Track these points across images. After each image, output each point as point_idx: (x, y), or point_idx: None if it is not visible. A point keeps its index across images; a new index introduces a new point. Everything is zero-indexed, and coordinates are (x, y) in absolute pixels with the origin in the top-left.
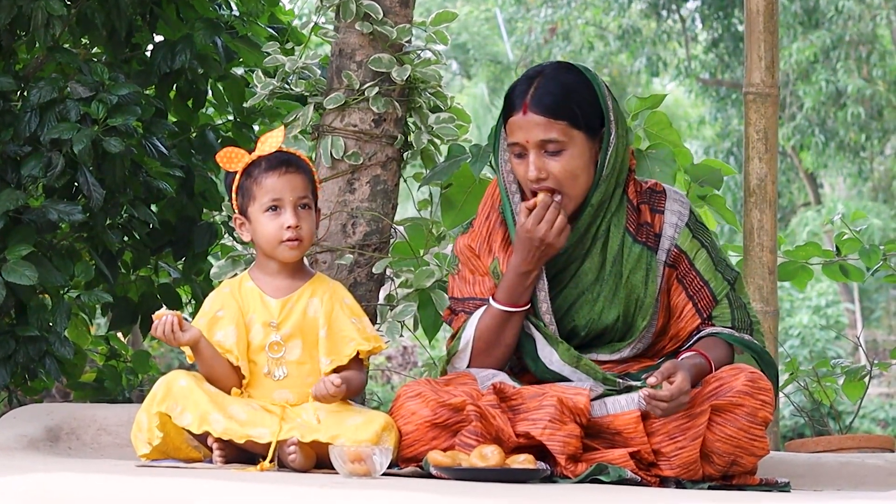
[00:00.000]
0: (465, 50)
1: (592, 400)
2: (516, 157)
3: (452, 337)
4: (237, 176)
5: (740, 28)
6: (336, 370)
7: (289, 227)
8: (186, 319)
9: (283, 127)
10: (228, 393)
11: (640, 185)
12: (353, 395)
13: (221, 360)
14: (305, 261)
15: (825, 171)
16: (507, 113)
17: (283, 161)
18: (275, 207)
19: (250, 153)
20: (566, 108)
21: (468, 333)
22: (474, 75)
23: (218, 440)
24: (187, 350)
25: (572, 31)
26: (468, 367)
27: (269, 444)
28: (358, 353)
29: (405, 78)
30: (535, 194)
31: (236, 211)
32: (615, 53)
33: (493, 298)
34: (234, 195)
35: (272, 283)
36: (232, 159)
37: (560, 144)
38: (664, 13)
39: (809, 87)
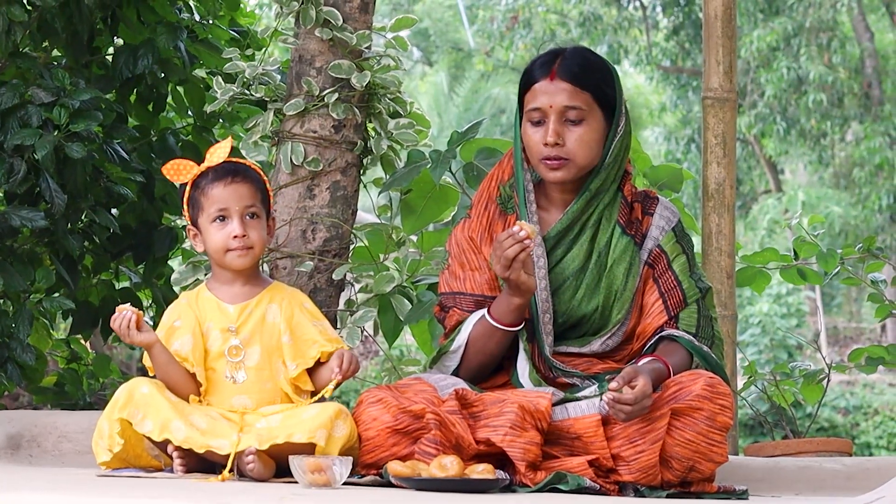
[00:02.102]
0: (427, 36)
1: (554, 405)
2: (534, 123)
3: (446, 335)
4: (187, 187)
5: (701, 15)
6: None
7: (235, 236)
8: (147, 322)
9: (230, 138)
10: (186, 400)
11: (636, 188)
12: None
13: (177, 367)
14: (262, 269)
15: (786, 158)
16: (529, 82)
17: (229, 171)
18: (222, 217)
19: (199, 164)
20: (592, 80)
21: (462, 337)
22: (436, 62)
23: (178, 448)
24: (146, 357)
25: (534, 18)
26: (457, 368)
27: (228, 455)
28: (321, 357)
29: (365, 84)
30: (544, 163)
31: (188, 222)
32: (576, 41)
33: (489, 311)
34: (185, 207)
35: (229, 291)
36: (180, 171)
37: (582, 113)
38: (625, 1)
39: (771, 75)
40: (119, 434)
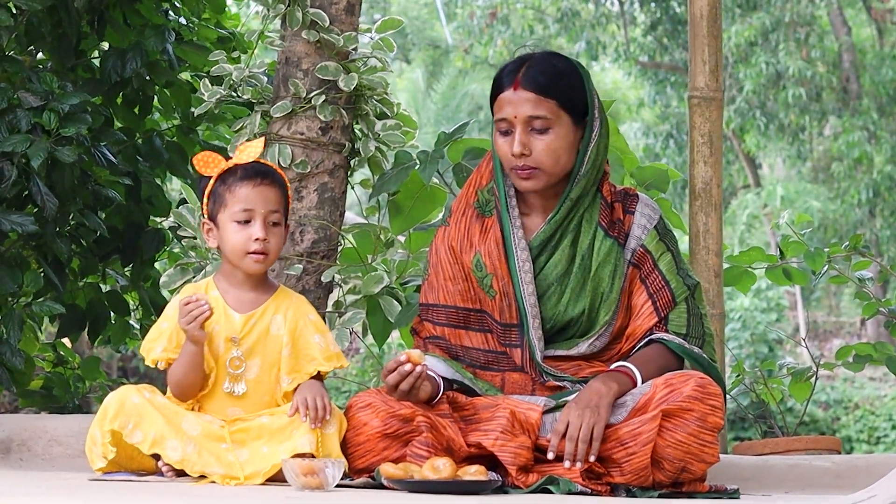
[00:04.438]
0: (404, 34)
1: (545, 412)
2: (502, 133)
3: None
4: (211, 181)
5: (678, 10)
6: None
7: (256, 239)
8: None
9: (262, 138)
10: (189, 399)
11: (614, 186)
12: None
13: (201, 369)
14: (269, 273)
15: (764, 153)
16: (496, 91)
17: (259, 172)
18: (245, 218)
19: (227, 160)
20: (556, 87)
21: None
22: (413, 59)
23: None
24: (161, 355)
25: (511, 15)
26: None
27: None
28: (318, 372)
29: (352, 86)
30: (514, 172)
31: (205, 215)
32: (554, 37)
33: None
34: (205, 199)
35: (237, 294)
36: (208, 163)
37: (547, 122)
38: None
39: (749, 70)
40: (111, 443)
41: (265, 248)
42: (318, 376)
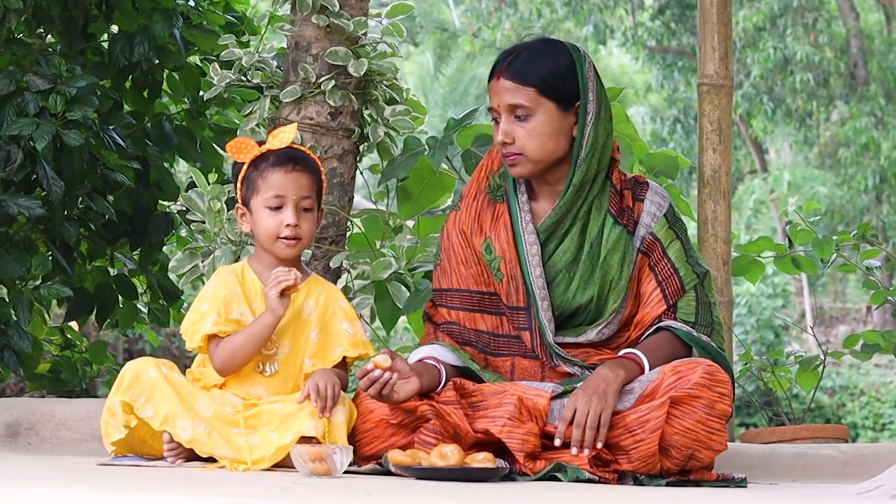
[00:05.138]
0: (412, 17)
1: (553, 399)
2: (493, 122)
3: (424, 339)
4: (244, 166)
5: None
6: None
7: (288, 225)
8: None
9: (295, 123)
10: (231, 374)
11: (625, 174)
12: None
13: (263, 345)
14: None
15: (770, 137)
16: (490, 75)
17: (291, 158)
18: (277, 204)
19: (260, 145)
20: (535, 76)
21: (412, 357)
22: (421, 42)
23: (171, 441)
24: (212, 329)
25: None
26: None
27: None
28: (344, 358)
29: (362, 72)
30: (504, 158)
31: (239, 200)
32: (562, 21)
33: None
34: (238, 185)
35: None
36: (241, 150)
37: (527, 110)
38: None
39: (757, 55)
40: (125, 412)
41: (297, 234)
42: (343, 364)
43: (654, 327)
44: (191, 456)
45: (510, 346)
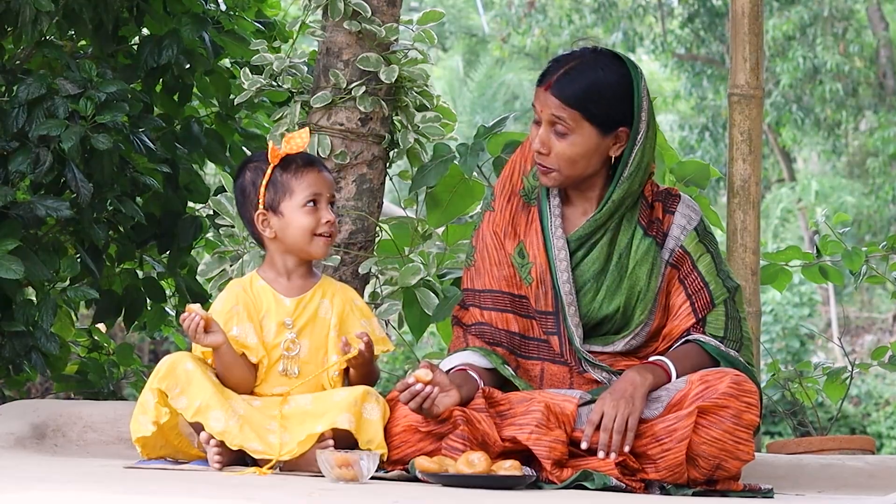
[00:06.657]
0: (441, 22)
1: (581, 405)
2: (534, 121)
3: (455, 343)
4: (268, 171)
5: (716, 2)
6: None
7: (327, 221)
8: (206, 315)
9: (306, 128)
10: (244, 392)
11: (657, 185)
12: (371, 382)
13: (240, 364)
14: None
15: (798, 146)
16: (539, 78)
17: (315, 159)
18: (314, 203)
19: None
20: (582, 98)
21: (444, 364)
22: (450, 48)
23: (219, 443)
24: (197, 348)
25: (549, 4)
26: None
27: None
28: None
29: (393, 78)
30: (537, 164)
31: (262, 206)
32: (591, 27)
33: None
34: (262, 190)
35: (284, 283)
36: (275, 151)
37: (567, 128)
38: None
39: (786, 64)
40: (160, 404)
41: (334, 230)
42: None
43: (683, 340)
44: (228, 461)
45: (539, 349)
